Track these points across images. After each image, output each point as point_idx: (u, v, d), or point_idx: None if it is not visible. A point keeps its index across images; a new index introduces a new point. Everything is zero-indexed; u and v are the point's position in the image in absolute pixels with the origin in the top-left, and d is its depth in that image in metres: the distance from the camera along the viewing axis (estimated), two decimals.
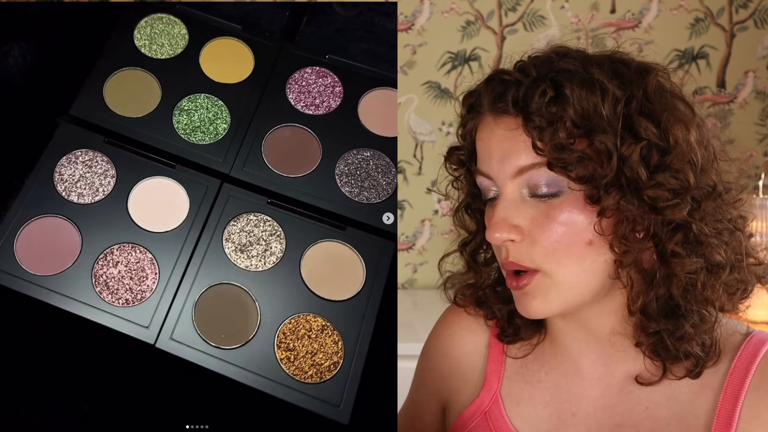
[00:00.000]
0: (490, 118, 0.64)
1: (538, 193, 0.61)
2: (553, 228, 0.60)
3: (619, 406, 0.67)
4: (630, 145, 0.58)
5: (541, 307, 0.63)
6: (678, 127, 0.59)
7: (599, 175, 0.59)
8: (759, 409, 0.61)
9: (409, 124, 1.92)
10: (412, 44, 1.90)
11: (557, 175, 0.60)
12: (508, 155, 0.62)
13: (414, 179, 1.94)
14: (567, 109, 0.59)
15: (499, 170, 0.63)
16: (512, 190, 0.62)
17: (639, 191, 0.59)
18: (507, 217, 0.62)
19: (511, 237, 0.62)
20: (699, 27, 1.90)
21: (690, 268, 0.60)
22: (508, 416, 0.71)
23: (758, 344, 0.64)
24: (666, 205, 0.59)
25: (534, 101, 0.60)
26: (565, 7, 1.89)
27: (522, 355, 0.73)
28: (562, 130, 0.58)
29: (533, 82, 0.61)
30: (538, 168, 0.60)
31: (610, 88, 0.59)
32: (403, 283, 1.98)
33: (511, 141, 0.61)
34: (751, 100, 1.93)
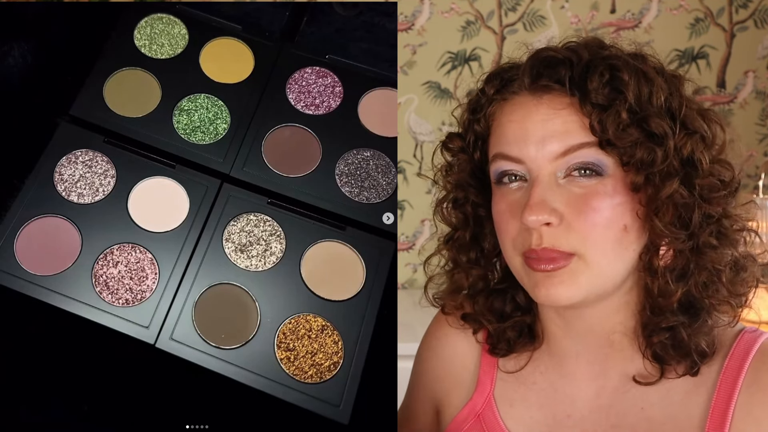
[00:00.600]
0: (528, 98, 0.62)
1: (577, 175, 0.60)
2: (590, 212, 0.59)
3: (614, 407, 0.67)
4: (684, 136, 0.59)
5: (568, 293, 0.60)
6: (715, 125, 0.61)
7: (652, 162, 0.59)
8: (752, 406, 0.61)
9: (409, 124, 1.92)
10: (412, 44, 1.90)
11: (603, 158, 0.59)
12: (554, 135, 0.60)
13: (414, 179, 1.94)
14: (627, 91, 0.59)
15: (537, 152, 0.61)
16: (549, 172, 0.61)
17: (691, 180, 0.59)
18: (546, 200, 0.60)
19: (551, 219, 0.60)
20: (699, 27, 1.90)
21: (720, 260, 0.61)
22: (501, 418, 0.71)
23: (750, 341, 0.64)
24: (714, 195, 0.60)
25: (593, 81, 0.59)
26: (565, 7, 1.89)
27: (514, 369, 0.72)
28: (623, 111, 0.58)
29: (589, 62, 0.61)
30: (586, 148, 0.60)
31: (657, 81, 0.60)
32: (403, 283, 1.98)
33: (557, 120, 0.60)
34: (751, 100, 1.93)
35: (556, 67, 0.61)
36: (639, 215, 0.60)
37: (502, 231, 0.64)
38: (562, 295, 0.61)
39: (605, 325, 0.66)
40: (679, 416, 0.64)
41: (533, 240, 0.61)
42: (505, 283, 0.71)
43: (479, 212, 0.70)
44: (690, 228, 0.60)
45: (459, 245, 0.71)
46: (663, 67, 0.63)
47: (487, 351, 0.74)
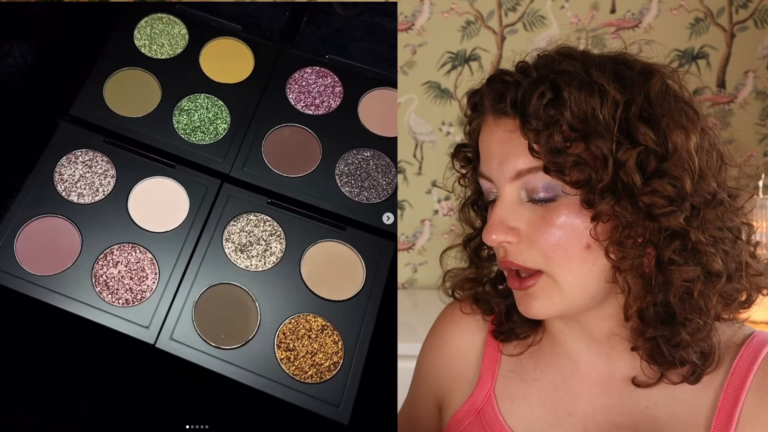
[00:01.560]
0: (491, 119, 0.64)
1: (535, 197, 0.61)
2: (550, 231, 0.60)
3: (618, 405, 0.67)
4: (627, 151, 0.58)
5: (544, 308, 0.62)
6: (677, 132, 0.58)
7: (594, 180, 0.58)
8: (759, 409, 0.61)
9: (409, 124, 1.92)
10: (412, 44, 1.90)
11: (553, 180, 0.60)
12: (507, 158, 0.61)
13: (414, 179, 1.94)
14: (564, 112, 0.58)
15: (498, 172, 0.62)
16: (510, 192, 0.62)
17: (634, 197, 0.58)
18: (504, 219, 0.62)
19: (508, 239, 0.62)
20: (699, 27, 1.90)
21: (687, 276, 0.59)
22: (501, 414, 0.71)
23: (759, 345, 0.64)
24: (661, 212, 0.58)
25: (532, 103, 0.59)
26: (565, 7, 1.89)
27: (518, 352, 0.73)
28: (558, 134, 0.58)
29: (532, 83, 0.60)
30: (535, 172, 0.60)
31: (610, 92, 0.59)
32: (403, 283, 1.98)
33: (509, 143, 0.61)
34: (751, 100, 1.93)
35: (507, 90, 0.62)
36: (592, 234, 0.59)
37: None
38: (540, 311, 0.63)
39: (602, 330, 0.66)
40: (684, 416, 0.64)
41: (500, 254, 0.64)
42: None
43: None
44: (644, 245, 0.59)
45: (476, 245, 0.74)
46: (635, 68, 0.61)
47: (491, 333, 0.75)
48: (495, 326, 0.75)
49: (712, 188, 0.60)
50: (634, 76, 0.61)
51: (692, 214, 0.59)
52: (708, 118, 0.64)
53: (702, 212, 0.59)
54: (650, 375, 0.65)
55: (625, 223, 0.58)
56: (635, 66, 0.62)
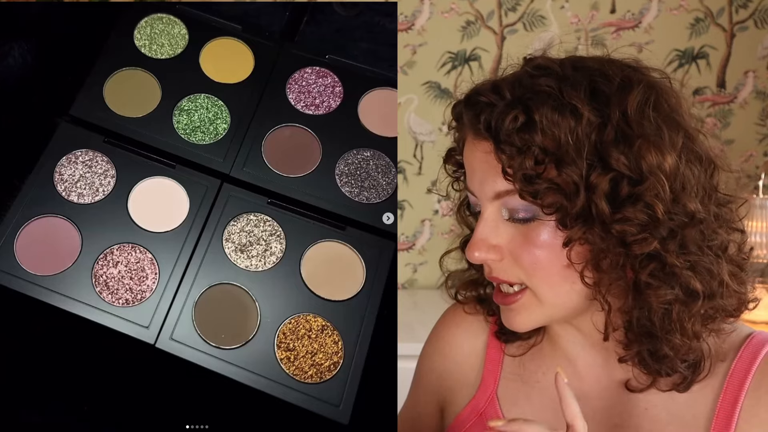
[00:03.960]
0: (471, 137, 0.63)
1: (515, 216, 0.61)
2: (531, 250, 0.61)
3: (617, 407, 0.67)
4: (599, 176, 0.56)
5: (525, 322, 0.64)
6: (652, 154, 0.57)
7: (558, 207, 0.58)
8: (758, 409, 0.61)
9: (409, 124, 1.92)
10: (412, 44, 1.90)
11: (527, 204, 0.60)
12: (485, 178, 0.62)
13: (414, 179, 1.94)
14: (535, 136, 0.57)
15: (480, 190, 0.63)
16: (492, 210, 0.62)
17: (606, 224, 0.57)
18: (486, 237, 0.62)
19: (490, 256, 0.62)
20: (699, 27, 1.90)
21: (663, 298, 0.58)
22: (504, 416, 0.71)
23: (758, 345, 0.64)
24: (633, 239, 0.57)
25: (504, 127, 0.58)
26: (565, 7, 1.89)
27: (521, 353, 0.73)
28: (530, 159, 0.57)
29: (506, 106, 0.59)
30: (512, 194, 0.60)
31: (584, 113, 0.57)
32: (403, 283, 1.98)
33: (487, 164, 0.61)
34: (751, 100, 1.93)
35: (481, 112, 0.61)
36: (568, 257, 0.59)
37: None
38: (519, 325, 0.65)
39: (595, 334, 0.66)
40: (684, 417, 0.64)
41: (486, 269, 0.65)
42: None
43: None
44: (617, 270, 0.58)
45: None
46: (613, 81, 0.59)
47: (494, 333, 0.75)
48: (498, 327, 0.75)
49: (690, 209, 0.58)
50: (612, 91, 0.58)
51: (669, 236, 0.57)
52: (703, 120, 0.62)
53: (680, 234, 0.58)
54: (643, 380, 0.65)
55: (597, 249, 0.58)
56: (614, 79, 0.59)
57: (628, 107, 0.58)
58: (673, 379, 0.63)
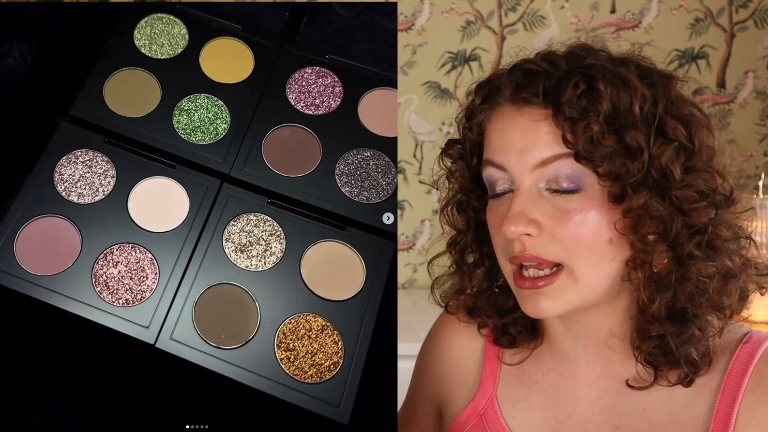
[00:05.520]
0: (510, 109, 0.63)
1: (557, 187, 0.60)
2: (572, 224, 0.59)
3: (616, 407, 0.67)
4: (661, 145, 0.58)
5: (555, 307, 0.61)
6: (702, 131, 0.60)
7: (627, 173, 0.58)
8: (756, 409, 0.61)
9: (409, 124, 1.92)
10: (412, 44, 1.90)
11: (581, 170, 0.59)
12: (532, 146, 0.61)
13: (414, 179, 1.94)
14: (600, 103, 0.58)
15: (518, 162, 0.61)
16: (530, 183, 0.61)
17: (666, 191, 0.58)
18: (525, 210, 0.60)
19: (529, 231, 0.60)
20: (699, 27, 1.90)
21: (706, 272, 0.60)
22: (504, 418, 0.71)
23: (755, 345, 0.64)
24: (692, 207, 0.59)
25: (566, 93, 0.59)
26: (565, 7, 1.89)
27: (517, 361, 0.72)
28: (595, 124, 0.58)
29: (565, 73, 0.60)
30: (563, 159, 0.60)
31: (639, 87, 0.59)
32: (403, 283, 1.98)
33: (535, 132, 0.61)
34: (751, 100, 1.93)
35: (534, 79, 0.61)
36: (617, 228, 0.59)
37: (494, 241, 0.65)
38: (548, 310, 0.62)
39: (602, 329, 0.66)
40: (683, 418, 0.64)
41: (515, 247, 0.62)
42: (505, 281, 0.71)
43: (481, 216, 0.70)
44: (669, 240, 0.59)
45: (462, 248, 0.72)
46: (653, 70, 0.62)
47: (491, 341, 0.74)
48: (494, 336, 0.74)
49: (729, 188, 0.61)
50: (654, 76, 0.61)
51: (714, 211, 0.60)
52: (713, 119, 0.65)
53: (719, 210, 0.60)
54: (645, 378, 0.65)
55: (655, 217, 0.59)
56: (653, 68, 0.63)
57: (671, 91, 0.61)
58: (678, 373, 0.63)
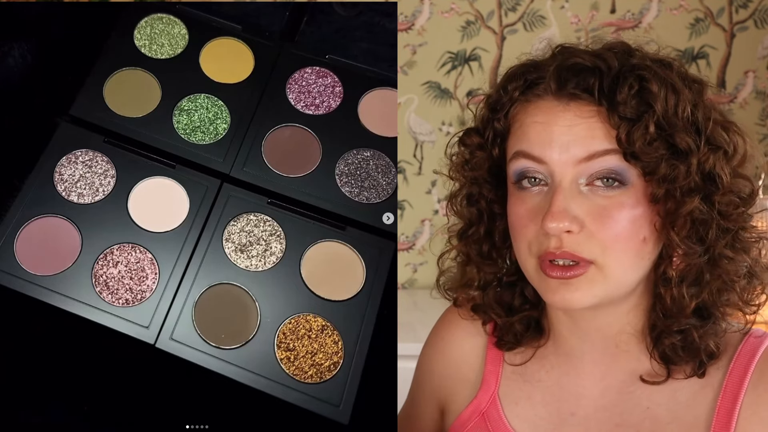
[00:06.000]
0: (553, 102, 0.62)
1: (599, 183, 0.60)
2: (612, 222, 0.59)
3: (619, 406, 0.66)
4: (708, 150, 0.59)
5: (584, 299, 0.61)
6: (736, 136, 0.61)
7: (676, 176, 0.59)
8: (758, 407, 0.61)
9: (409, 124, 1.92)
10: (412, 44, 1.90)
11: (624, 167, 0.59)
12: (579, 140, 0.60)
13: (414, 179, 1.94)
14: (655, 104, 0.59)
15: (560, 156, 0.60)
16: (572, 178, 0.60)
17: (711, 195, 0.60)
18: (567, 207, 0.60)
19: (572, 227, 0.59)
20: (699, 27, 1.90)
21: (735, 271, 0.61)
22: (506, 417, 0.71)
23: (756, 343, 0.64)
24: (734, 211, 0.60)
25: (622, 92, 0.59)
26: (565, 7, 1.89)
27: (520, 361, 0.72)
28: (651, 125, 0.58)
29: (618, 72, 0.60)
30: (608, 156, 0.60)
31: (684, 91, 0.60)
32: (403, 283, 1.98)
33: (583, 127, 0.60)
34: (751, 100, 1.93)
35: (583, 74, 0.61)
36: (656, 227, 0.60)
37: (519, 234, 0.63)
38: (577, 302, 0.61)
39: (613, 327, 0.66)
40: (685, 417, 0.64)
41: (551, 243, 0.60)
42: (515, 277, 0.71)
43: (493, 209, 0.69)
44: (706, 242, 0.60)
45: (473, 240, 0.71)
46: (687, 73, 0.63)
47: (493, 344, 0.74)
48: (496, 338, 0.73)
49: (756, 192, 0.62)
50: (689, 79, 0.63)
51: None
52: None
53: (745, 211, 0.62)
54: (659, 371, 0.65)
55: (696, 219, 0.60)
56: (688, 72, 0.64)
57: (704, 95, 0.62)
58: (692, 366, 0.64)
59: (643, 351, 0.66)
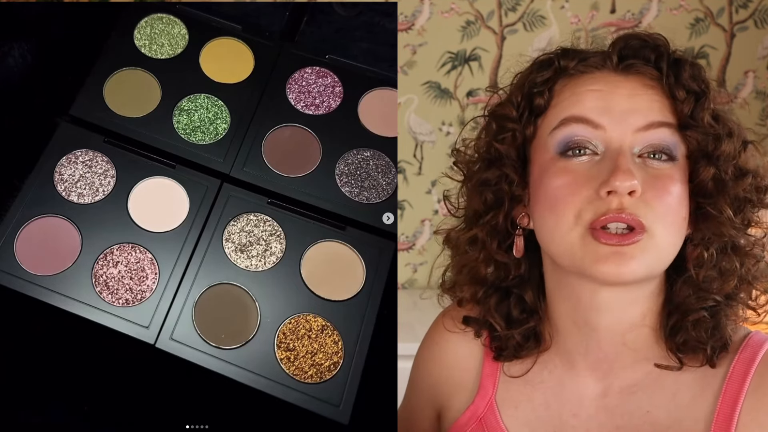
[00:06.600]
0: (612, 74, 0.64)
1: (654, 154, 0.62)
2: (666, 193, 0.61)
3: (620, 407, 0.66)
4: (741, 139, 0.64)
5: (639, 268, 0.59)
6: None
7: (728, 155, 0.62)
8: (757, 411, 0.61)
9: (409, 124, 1.92)
10: (412, 44, 1.90)
11: (678, 141, 0.62)
12: (638, 110, 0.62)
13: (414, 179, 1.94)
14: (708, 88, 0.63)
15: (619, 123, 0.61)
16: (629, 146, 0.61)
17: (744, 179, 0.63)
18: (630, 168, 0.60)
19: (638, 188, 0.59)
20: (699, 27, 1.90)
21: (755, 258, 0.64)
22: (503, 421, 0.70)
23: (756, 346, 0.64)
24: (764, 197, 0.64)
25: (686, 70, 0.63)
26: (565, 7, 1.89)
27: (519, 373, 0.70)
28: (712, 101, 0.63)
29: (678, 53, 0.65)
30: (665, 128, 0.62)
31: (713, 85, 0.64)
32: (403, 283, 1.98)
33: (645, 97, 0.62)
34: (751, 100, 1.93)
35: (645, 50, 0.64)
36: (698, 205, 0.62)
37: (562, 203, 0.61)
38: (630, 272, 0.59)
39: (622, 321, 0.65)
40: (685, 420, 0.63)
41: (613, 204, 0.59)
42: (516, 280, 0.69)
43: (515, 191, 0.66)
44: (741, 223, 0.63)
45: (491, 227, 0.67)
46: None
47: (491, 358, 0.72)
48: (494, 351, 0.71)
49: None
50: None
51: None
52: None
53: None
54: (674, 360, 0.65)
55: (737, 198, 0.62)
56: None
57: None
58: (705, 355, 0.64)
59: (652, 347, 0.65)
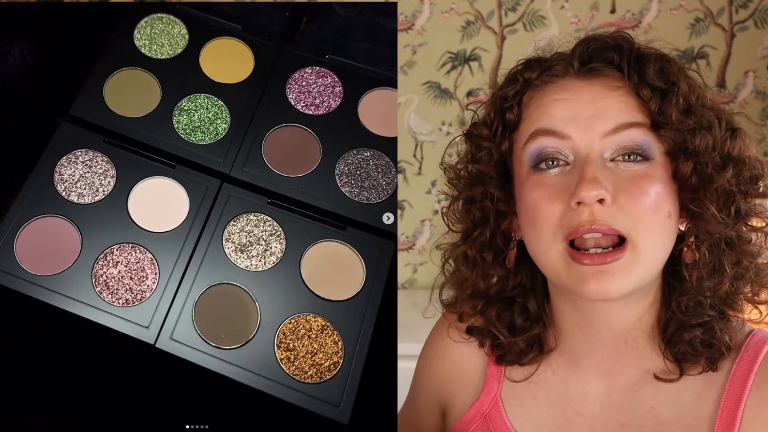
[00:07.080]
0: (576, 80, 0.63)
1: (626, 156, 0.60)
2: (640, 195, 0.59)
3: (624, 405, 0.66)
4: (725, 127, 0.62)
5: (622, 285, 0.58)
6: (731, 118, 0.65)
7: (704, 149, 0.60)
8: (760, 408, 0.61)
9: (409, 124, 1.92)
10: (412, 44, 1.90)
11: (650, 141, 0.60)
12: (604, 113, 0.60)
13: (414, 179, 1.94)
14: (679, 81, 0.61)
15: (586, 130, 0.60)
16: (598, 150, 0.60)
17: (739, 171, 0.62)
18: (597, 176, 0.58)
19: (606, 195, 0.58)
20: (699, 27, 1.90)
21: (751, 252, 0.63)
22: (508, 418, 0.70)
23: (759, 344, 0.64)
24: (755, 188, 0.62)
25: (650, 67, 0.61)
26: (565, 7, 1.89)
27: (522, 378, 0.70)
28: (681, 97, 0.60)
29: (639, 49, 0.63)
30: (635, 128, 0.60)
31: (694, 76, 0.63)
32: (403, 283, 1.98)
33: (609, 100, 0.61)
34: (751, 100, 1.93)
35: (606, 52, 0.63)
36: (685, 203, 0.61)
37: (540, 218, 0.61)
38: (614, 290, 0.59)
39: (625, 321, 0.65)
40: (689, 417, 0.63)
41: (583, 217, 0.58)
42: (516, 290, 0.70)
43: (499, 207, 0.67)
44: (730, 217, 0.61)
45: (480, 243, 0.68)
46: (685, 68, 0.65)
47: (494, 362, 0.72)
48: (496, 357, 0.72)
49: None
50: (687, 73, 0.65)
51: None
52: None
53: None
54: (672, 368, 0.64)
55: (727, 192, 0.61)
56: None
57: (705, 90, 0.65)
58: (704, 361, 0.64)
59: (654, 348, 0.65)
